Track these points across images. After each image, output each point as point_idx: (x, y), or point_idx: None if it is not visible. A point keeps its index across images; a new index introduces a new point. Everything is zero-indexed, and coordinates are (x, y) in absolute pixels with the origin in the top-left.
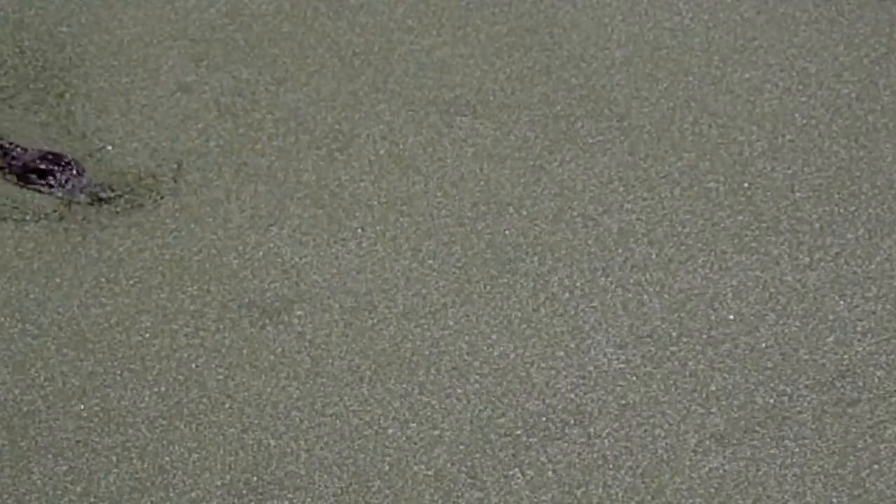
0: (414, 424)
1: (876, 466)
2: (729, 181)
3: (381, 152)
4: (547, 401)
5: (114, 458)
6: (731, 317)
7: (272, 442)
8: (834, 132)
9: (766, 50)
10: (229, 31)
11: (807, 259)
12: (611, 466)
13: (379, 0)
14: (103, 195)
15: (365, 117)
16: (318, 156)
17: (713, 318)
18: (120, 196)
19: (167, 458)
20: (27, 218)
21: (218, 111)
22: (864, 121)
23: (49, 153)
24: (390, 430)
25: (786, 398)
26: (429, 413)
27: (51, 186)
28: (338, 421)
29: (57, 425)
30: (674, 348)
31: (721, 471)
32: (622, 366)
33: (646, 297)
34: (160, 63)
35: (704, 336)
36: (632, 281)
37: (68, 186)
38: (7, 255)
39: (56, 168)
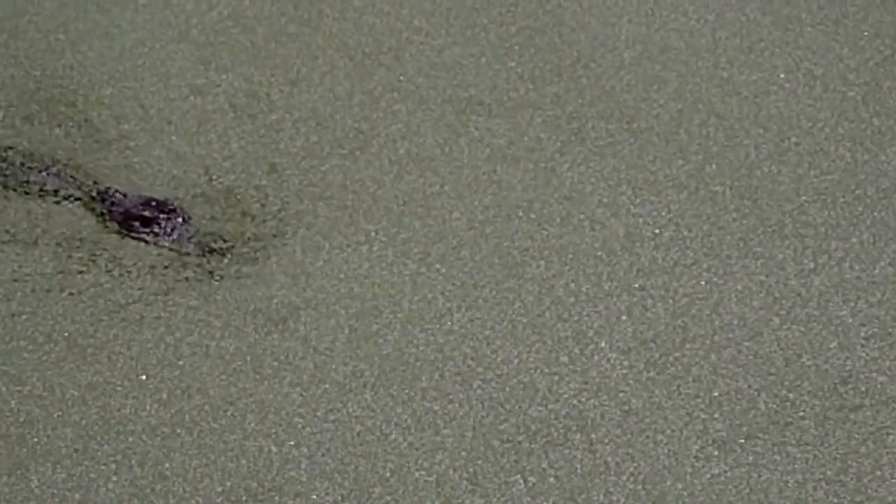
0: (416, 430)
1: (878, 473)
2: (735, 185)
3: (401, 151)
4: (549, 406)
5: (113, 466)
6: (735, 322)
7: (273, 448)
8: (839, 135)
9: (772, 52)
10: (233, 33)
11: (811, 264)
12: (612, 473)
13: (383, 1)
14: (215, 245)
15: (383, 117)
16: (341, 155)
17: (717, 323)
18: (232, 247)
19: (167, 465)
20: (36, 240)
21: (234, 113)
22: (868, 124)
23: (152, 199)
24: (392, 437)
25: (788, 404)
26: (431, 419)
27: (156, 235)
28: (340, 427)
29: (55, 433)
30: (677, 354)
31: (723, 477)
32: (625, 371)
33: (650, 301)
34: (167, 67)
35: (708, 341)
36: (637, 286)
37: (175, 235)
38: (4, 271)
39: (161, 215)
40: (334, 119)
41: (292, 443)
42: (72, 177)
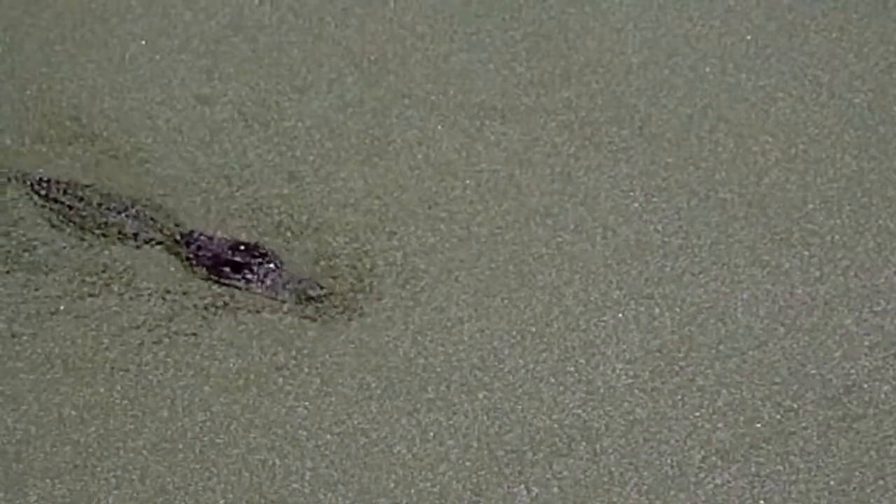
0: (421, 442)
1: (881, 482)
2: (743, 192)
3: (419, 157)
4: (554, 417)
5: (114, 481)
6: (740, 331)
7: (277, 461)
8: (845, 142)
9: (779, 58)
10: (234, 42)
11: (817, 272)
12: (616, 483)
13: (385, 8)
14: (312, 293)
15: (396, 123)
16: (359, 161)
17: (722, 332)
18: (330, 294)
19: (169, 479)
20: (54, 267)
21: (245, 122)
22: (874, 131)
23: (241, 242)
24: (397, 448)
25: (792, 413)
26: (436, 430)
27: (248, 282)
28: (345, 439)
29: (54, 451)
30: (682, 363)
31: (726, 487)
32: (630, 381)
33: (657, 311)
34: (169, 77)
35: (713, 351)
36: (645, 294)
37: (268, 282)
38: (12, 294)
39: (252, 260)
40: (347, 126)
41: (296, 455)
42: (152, 219)
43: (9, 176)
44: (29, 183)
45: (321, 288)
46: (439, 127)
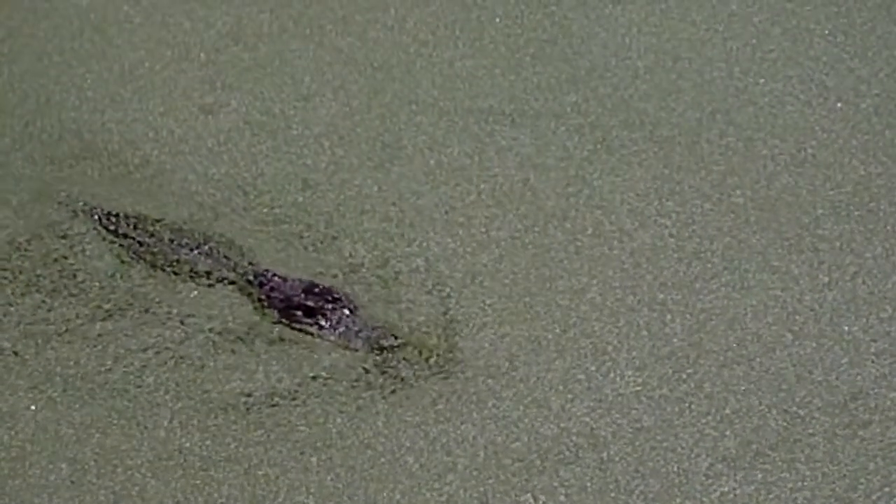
0: (428, 452)
1: (887, 489)
2: (755, 196)
3: (432, 162)
4: (562, 425)
5: (112, 497)
6: (749, 337)
7: (280, 475)
8: (853, 147)
9: (784, 62)
10: (235, 51)
11: (825, 278)
12: (623, 491)
13: (386, 16)
14: (385, 342)
15: (405, 128)
16: (372, 167)
17: (731, 338)
18: (405, 345)
19: (168, 496)
20: (76, 287)
21: (252, 131)
22: (881, 136)
23: (315, 285)
24: (404, 459)
25: (798, 420)
26: (444, 440)
27: (321, 328)
28: (350, 450)
29: (51, 467)
30: (690, 370)
31: (732, 494)
32: (638, 388)
33: (669, 316)
34: (171, 88)
35: (721, 357)
36: (658, 300)
37: (341, 328)
38: (24, 314)
39: (326, 305)
40: (356, 132)
41: (300, 468)
42: (226, 257)
43: (75, 209)
44: (96, 217)
45: (395, 338)
46: (448, 132)
